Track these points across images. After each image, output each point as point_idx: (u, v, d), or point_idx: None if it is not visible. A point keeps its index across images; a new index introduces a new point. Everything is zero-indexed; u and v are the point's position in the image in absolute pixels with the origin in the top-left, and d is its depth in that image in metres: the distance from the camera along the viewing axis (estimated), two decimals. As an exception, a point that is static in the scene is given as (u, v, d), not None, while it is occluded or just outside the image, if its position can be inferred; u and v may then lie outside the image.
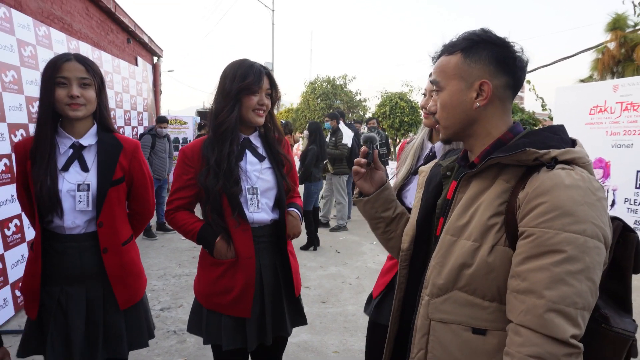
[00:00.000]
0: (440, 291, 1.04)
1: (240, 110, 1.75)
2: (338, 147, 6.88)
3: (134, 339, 1.81)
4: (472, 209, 1.02)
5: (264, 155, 1.84)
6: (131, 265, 1.81)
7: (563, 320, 0.85)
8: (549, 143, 0.97)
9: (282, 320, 1.84)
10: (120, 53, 8.32)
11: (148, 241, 6.23)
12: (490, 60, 1.02)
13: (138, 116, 8.00)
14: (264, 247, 1.80)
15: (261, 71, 1.76)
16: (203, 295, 1.81)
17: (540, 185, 0.90)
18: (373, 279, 4.93)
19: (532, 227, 0.90)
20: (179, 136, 12.33)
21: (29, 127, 3.97)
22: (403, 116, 15.53)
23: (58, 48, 4.70)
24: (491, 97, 1.03)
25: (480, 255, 0.97)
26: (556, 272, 0.86)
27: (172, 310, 3.89)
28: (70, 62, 1.64)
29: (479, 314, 0.99)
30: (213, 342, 1.80)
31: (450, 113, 1.08)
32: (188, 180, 1.78)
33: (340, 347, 3.27)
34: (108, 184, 1.69)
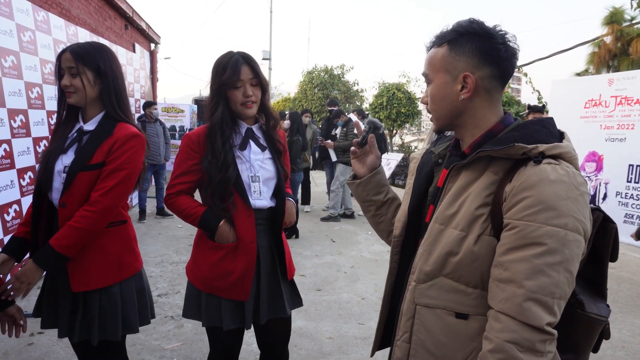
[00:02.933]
0: (426, 277, 1.08)
1: (229, 105, 1.78)
2: (348, 138, 6.98)
3: (106, 327, 1.78)
4: (461, 199, 1.05)
5: (265, 146, 1.90)
6: (97, 251, 1.75)
7: (540, 308, 0.90)
8: (537, 137, 1.00)
9: (280, 301, 1.89)
10: (118, 39, 8.28)
11: (145, 228, 6.27)
12: (474, 53, 1.04)
13: (136, 103, 7.99)
14: (261, 230, 1.86)
15: (238, 61, 1.73)
16: (201, 279, 1.83)
17: (526, 179, 0.94)
18: (367, 268, 5.04)
19: (516, 220, 0.93)
20: (176, 124, 12.33)
21: (28, 113, 3.99)
22: (400, 107, 15.55)
23: (57, 34, 4.69)
24: (476, 89, 1.05)
25: (467, 244, 1.01)
26: (536, 263, 0.90)
27: (170, 296, 3.95)
28: (64, 53, 1.73)
29: (462, 299, 1.04)
30: (212, 325, 1.83)
31: (438, 105, 1.11)
32: (193, 165, 1.79)
33: (335, 334, 3.35)
34: (79, 167, 1.69)
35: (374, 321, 3.57)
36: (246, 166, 1.82)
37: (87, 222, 1.66)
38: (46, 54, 4.41)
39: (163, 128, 6.89)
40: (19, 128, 3.83)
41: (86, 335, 1.77)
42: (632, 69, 11.00)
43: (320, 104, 17.78)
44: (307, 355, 3.03)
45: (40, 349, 2.96)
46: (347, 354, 3.06)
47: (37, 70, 4.22)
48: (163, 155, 6.83)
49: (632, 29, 12.87)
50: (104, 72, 1.76)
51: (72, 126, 1.80)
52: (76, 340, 1.76)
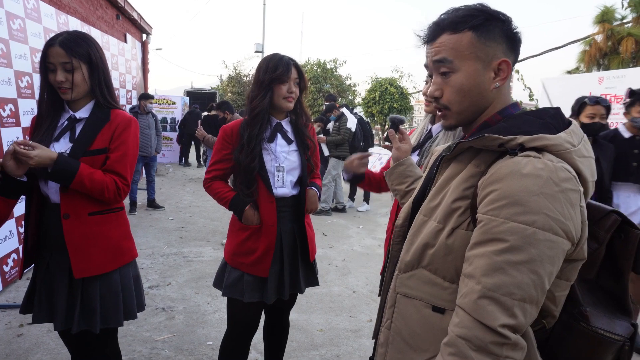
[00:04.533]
0: (407, 267, 1.07)
1: (272, 98, 2.01)
2: (340, 132, 6.98)
3: (108, 314, 1.80)
4: (444, 191, 1.03)
5: (292, 139, 2.11)
6: (97, 238, 1.77)
7: (496, 308, 0.84)
8: (523, 128, 0.94)
9: (297, 280, 2.13)
10: (110, 29, 8.18)
11: (135, 220, 6.24)
12: (502, 38, 0.99)
13: (127, 94, 7.92)
14: (284, 216, 2.09)
15: (289, 63, 2.01)
16: (230, 254, 2.08)
17: (496, 172, 0.89)
18: (359, 262, 5.07)
19: (482, 214, 0.90)
20: (167, 116, 12.24)
21: (17, 102, 3.94)
22: (392, 102, 15.57)
23: (47, 22, 4.63)
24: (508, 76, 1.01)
25: (441, 237, 0.99)
26: (496, 260, 0.85)
27: (161, 288, 3.94)
28: (53, 47, 1.67)
29: (439, 293, 1.01)
30: (232, 296, 2.05)
31: (465, 96, 1.02)
32: (226, 154, 2.05)
33: (326, 326, 3.37)
34: (80, 153, 1.71)
35: (364, 314, 3.60)
36: (272, 157, 2.04)
37: (112, 190, 1.75)
38: (36, 42, 4.35)
39: (155, 120, 6.84)
40: (8, 117, 3.79)
41: (86, 325, 1.77)
42: (621, 68, 11.12)
43: (313, 97, 17.74)
44: (299, 347, 3.05)
45: (29, 339, 2.95)
46: (338, 346, 3.09)
47: (27, 59, 4.16)
48: (154, 147, 6.79)
49: (622, 28, 13.00)
50: (96, 64, 1.77)
51: (58, 116, 1.78)
52: (76, 331, 1.75)
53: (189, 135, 11.57)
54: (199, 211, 6.82)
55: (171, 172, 10.99)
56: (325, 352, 3.00)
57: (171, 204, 7.38)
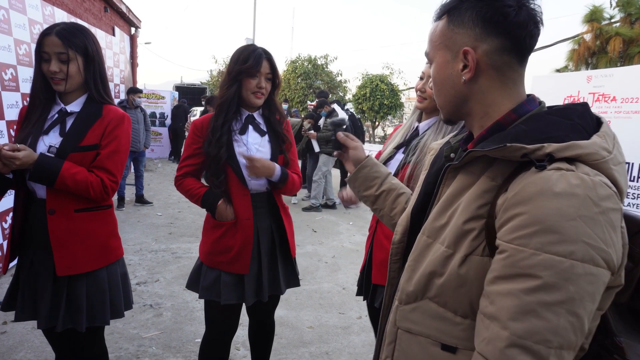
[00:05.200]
0: (409, 298, 0.92)
1: (241, 91, 1.93)
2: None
3: (94, 313, 1.77)
4: (452, 208, 0.87)
5: (265, 131, 2.02)
6: (84, 234, 1.74)
7: (528, 358, 0.70)
8: (550, 133, 0.77)
9: (276, 281, 2.05)
10: (97, 22, 8.05)
11: (123, 216, 6.17)
12: (475, 22, 0.84)
13: (115, 88, 7.81)
14: (260, 212, 2.00)
15: (261, 55, 1.90)
16: (205, 253, 2.00)
17: (521, 190, 0.73)
18: (349, 258, 5.07)
19: (505, 242, 0.74)
20: (156, 111, 12.12)
21: (1, 94, 3.85)
22: (383, 99, 15.60)
23: (32, 13, 4.53)
24: (479, 67, 0.85)
25: (452, 265, 0.83)
26: (526, 301, 0.70)
27: (149, 284, 3.90)
28: (49, 36, 1.64)
29: (449, 329, 0.86)
30: (209, 297, 1.97)
31: (440, 90, 0.93)
32: (196, 149, 1.97)
33: (315, 323, 3.36)
34: (70, 148, 1.68)
35: (354, 311, 3.59)
36: (244, 149, 1.95)
37: (98, 189, 1.71)
38: (21, 34, 4.25)
39: (144, 115, 6.76)
40: (-8, 110, 3.70)
41: (71, 324, 1.73)
42: (609, 67, 11.23)
43: (304, 93, 17.70)
44: (288, 344, 3.04)
45: (13, 337, 2.89)
46: (328, 342, 3.08)
47: (12, 50, 4.07)
48: (143, 142, 6.71)
49: (610, 28, 13.13)
50: (92, 57, 1.74)
51: (49, 108, 1.75)
52: (60, 329, 1.71)
53: (174, 130, 11.46)
54: (187, 207, 6.76)
55: (160, 168, 10.90)
56: (315, 349, 2.99)
57: (160, 200, 7.31)
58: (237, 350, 2.87)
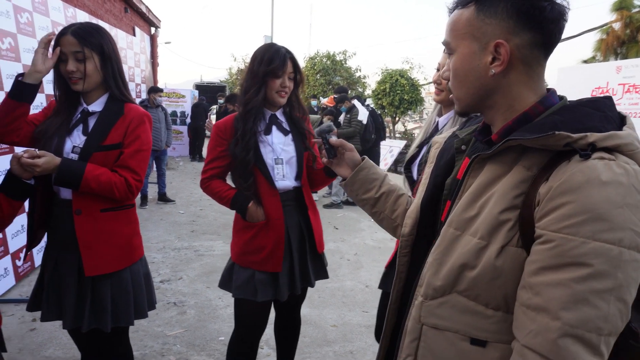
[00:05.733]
0: (436, 293, 0.90)
1: (266, 91, 1.93)
2: (352, 124, 6.90)
3: (119, 313, 1.78)
4: (483, 199, 0.85)
5: (288, 130, 2.03)
6: (109, 235, 1.75)
7: (581, 347, 0.70)
8: (587, 123, 0.77)
9: (307, 273, 2.08)
10: (118, 22, 8.16)
11: (146, 214, 6.24)
12: (509, 14, 0.82)
13: (136, 88, 7.90)
14: (289, 210, 2.02)
15: (285, 56, 1.92)
16: (237, 254, 2.02)
17: (568, 179, 0.73)
18: (371, 256, 5.01)
19: (552, 232, 0.73)
20: (177, 109, 12.24)
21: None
22: (403, 94, 15.42)
23: (55, 15, 4.59)
24: (511, 60, 0.83)
25: (487, 257, 0.82)
26: (578, 289, 0.70)
27: (172, 282, 3.92)
28: (65, 36, 1.65)
29: (480, 323, 0.85)
30: (243, 296, 1.98)
31: (462, 81, 0.90)
32: (221, 151, 1.98)
33: (339, 321, 3.32)
34: (94, 148, 1.69)
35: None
36: (269, 149, 1.97)
37: (122, 189, 1.71)
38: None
39: (165, 114, 6.81)
40: (18, 112, 3.77)
41: (96, 324, 1.74)
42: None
43: (323, 89, 17.64)
44: (311, 342, 3.01)
45: (42, 334, 2.94)
46: (352, 342, 3.04)
47: (36, 52, 4.13)
48: (164, 141, 6.77)
49: (640, 15, 12.68)
50: (108, 55, 1.74)
51: (74, 110, 1.75)
52: (85, 330, 1.72)
53: (194, 129, 11.53)
54: (209, 205, 6.79)
55: (182, 166, 11.01)
56: (339, 348, 2.96)
57: (182, 198, 7.37)
58: (261, 349, 2.85)
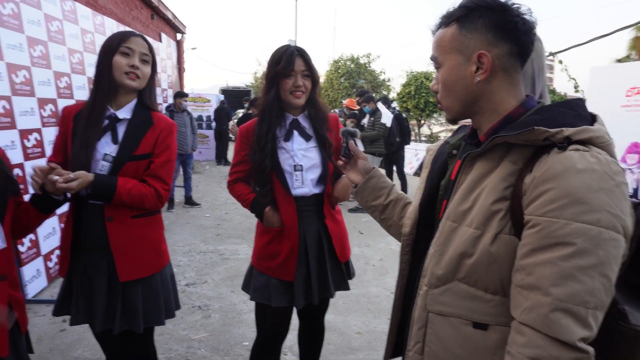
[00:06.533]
0: (439, 281, 0.98)
1: (279, 94, 1.88)
2: (375, 127, 6.82)
3: (150, 314, 1.81)
4: (475, 192, 0.94)
5: (311, 135, 1.96)
6: (140, 240, 1.78)
7: (571, 320, 0.78)
8: (562, 120, 0.88)
9: (326, 283, 2.00)
10: (145, 29, 8.32)
11: (173, 217, 6.32)
12: (487, 28, 0.93)
13: (162, 93, 8.04)
14: (307, 216, 1.96)
15: (292, 53, 1.84)
16: (255, 258, 2.03)
17: (548, 168, 0.82)
18: (397, 261, 4.86)
19: (538, 216, 0.82)
20: (203, 114, 12.41)
21: (57, 102, 4.01)
22: (428, 96, 15.23)
23: (84, 23, 4.71)
24: (493, 68, 0.94)
25: (482, 244, 0.90)
26: (565, 267, 0.78)
27: (197, 285, 3.94)
28: (137, 37, 1.75)
29: (480, 307, 0.93)
30: (259, 300, 1.98)
31: (450, 90, 1.00)
32: (244, 155, 1.97)
33: (364, 329, 3.26)
34: (126, 158, 1.72)
35: (403, 316, 3.46)
36: (289, 155, 1.92)
37: (152, 200, 1.74)
38: (74, 43, 4.42)
39: (190, 118, 6.90)
40: (49, 117, 3.86)
41: (128, 325, 1.77)
42: (677, 54, 10.41)
43: (347, 93, 17.60)
44: (336, 350, 2.96)
45: (72, 335, 2.99)
46: (377, 350, 2.97)
47: (66, 59, 4.24)
48: (190, 145, 6.85)
49: (677, 12, 12.18)
50: (154, 65, 1.83)
51: (103, 112, 1.75)
52: (117, 332, 1.76)
53: (219, 133, 11.65)
54: (235, 208, 6.83)
55: (207, 170, 11.14)
56: (364, 357, 2.90)
57: (207, 201, 7.44)
58: (285, 355, 2.82)
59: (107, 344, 1.92)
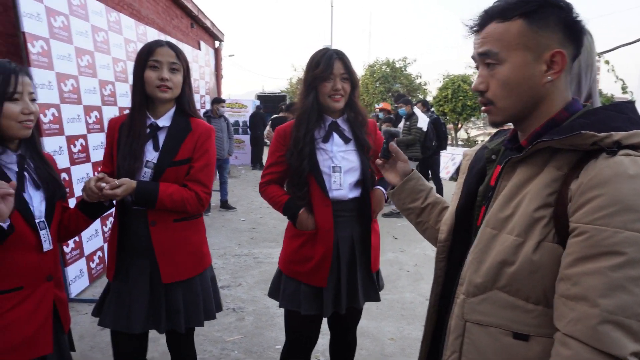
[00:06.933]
0: (477, 290, 0.95)
1: (318, 97, 1.87)
2: (411, 132, 6.76)
3: (190, 315, 1.85)
4: (517, 199, 0.91)
5: (350, 138, 1.93)
6: (182, 243, 1.82)
7: (622, 334, 0.74)
8: (611, 124, 0.84)
9: (355, 292, 1.94)
10: (185, 37, 8.57)
11: (209, 220, 6.45)
12: (558, 27, 0.89)
13: (201, 99, 8.25)
14: (342, 221, 1.92)
15: (331, 57, 1.84)
16: (284, 262, 1.98)
17: (597, 174, 0.79)
18: (431, 267, 4.75)
19: (585, 224, 0.79)
20: (239, 119, 12.65)
21: (102, 109, 4.19)
22: (466, 100, 14.93)
23: (127, 33, 4.90)
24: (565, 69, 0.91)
25: (524, 253, 0.87)
26: (614, 277, 0.75)
27: (232, 288, 4.00)
28: (163, 47, 1.74)
29: (521, 317, 0.89)
30: (289, 307, 1.95)
31: (512, 91, 0.93)
32: (280, 157, 1.95)
33: (397, 335, 3.22)
34: (167, 164, 1.76)
35: (438, 323, 3.39)
36: (327, 157, 1.90)
37: (194, 203, 1.78)
38: (118, 52, 4.61)
39: (227, 124, 7.04)
40: (94, 124, 4.04)
41: (171, 326, 1.82)
42: None
43: (382, 97, 17.50)
44: (369, 356, 2.93)
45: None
46: (410, 357, 2.92)
47: (110, 68, 4.43)
48: (227, 150, 6.99)
49: None
50: (187, 70, 1.84)
51: (144, 122, 1.80)
52: (163, 332, 1.82)
53: (254, 138, 11.81)
54: (269, 212, 6.91)
55: (243, 174, 11.34)
56: (397, 363, 2.86)
57: (243, 205, 7.56)
58: (317, 359, 2.82)
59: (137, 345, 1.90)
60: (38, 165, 1.51)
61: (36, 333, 1.43)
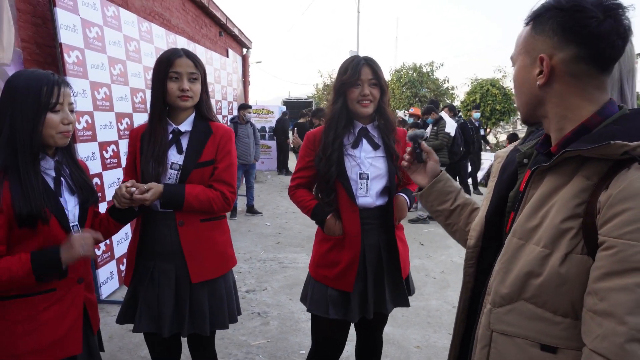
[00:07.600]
0: (503, 300, 0.93)
1: (347, 103, 1.89)
2: (439, 137, 6.70)
3: (215, 318, 1.88)
4: (544, 209, 0.89)
5: (379, 144, 1.94)
6: (209, 243, 1.86)
7: None
8: None
9: (382, 298, 1.95)
10: (213, 45, 8.74)
11: (235, 225, 6.53)
12: (554, 30, 0.88)
13: (228, 106, 8.38)
14: (369, 229, 1.93)
15: (359, 63, 1.85)
16: (313, 266, 2.02)
17: (627, 186, 0.76)
18: (458, 274, 4.74)
19: (614, 238, 0.76)
20: (266, 125, 12.78)
21: (132, 116, 4.31)
22: (495, 104, 14.67)
23: (158, 42, 5.04)
24: (554, 73, 0.89)
25: (551, 264, 0.84)
26: None
27: (257, 292, 4.03)
28: (181, 58, 1.78)
29: (549, 329, 0.87)
30: (316, 312, 1.96)
31: (518, 92, 0.99)
32: (309, 161, 1.98)
33: (423, 343, 3.17)
34: (192, 165, 1.82)
35: (465, 332, 3.33)
36: (355, 163, 1.91)
37: (220, 202, 1.83)
38: (149, 61, 4.74)
39: (253, 129, 7.13)
40: (125, 130, 4.16)
41: (194, 329, 1.85)
42: None
43: (409, 102, 17.39)
44: (393, 363, 2.90)
45: (139, 335, 3.08)
46: (436, 366, 2.88)
47: (141, 76, 4.56)
48: (253, 155, 7.08)
49: None
50: (205, 77, 1.88)
51: (166, 128, 1.86)
52: (186, 335, 1.84)
53: (279, 144, 11.90)
54: (294, 217, 6.94)
55: (269, 179, 11.41)
56: (422, 372, 2.81)
57: (269, 210, 7.62)
58: (341, 365, 2.81)
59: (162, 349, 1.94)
60: (73, 171, 1.57)
61: (67, 334, 1.48)
